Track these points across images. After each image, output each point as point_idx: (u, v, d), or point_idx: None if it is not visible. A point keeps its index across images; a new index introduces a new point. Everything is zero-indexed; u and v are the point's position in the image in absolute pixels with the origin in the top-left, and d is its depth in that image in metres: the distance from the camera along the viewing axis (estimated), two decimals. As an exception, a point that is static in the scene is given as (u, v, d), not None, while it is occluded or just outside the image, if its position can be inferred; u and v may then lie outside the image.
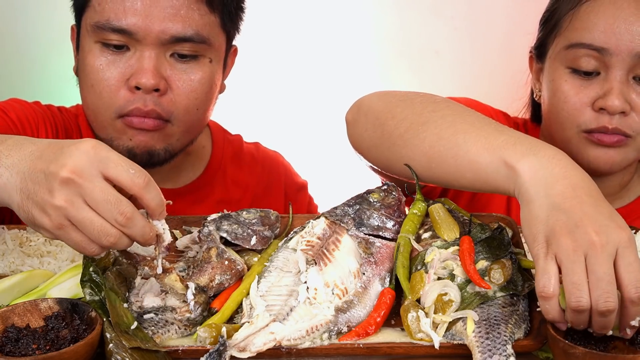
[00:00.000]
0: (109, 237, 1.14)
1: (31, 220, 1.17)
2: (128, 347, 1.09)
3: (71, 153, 1.14)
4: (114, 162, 1.15)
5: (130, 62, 1.64)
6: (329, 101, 3.05)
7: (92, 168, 1.13)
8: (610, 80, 1.62)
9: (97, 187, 1.13)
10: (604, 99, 1.61)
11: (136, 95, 1.65)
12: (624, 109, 1.61)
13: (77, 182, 1.12)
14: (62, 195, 1.13)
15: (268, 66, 2.97)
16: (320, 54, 3.00)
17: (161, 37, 1.63)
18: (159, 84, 1.64)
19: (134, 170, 1.16)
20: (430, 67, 2.98)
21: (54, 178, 1.13)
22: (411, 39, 2.98)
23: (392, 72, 3.04)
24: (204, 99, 1.72)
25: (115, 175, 1.15)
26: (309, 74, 3.02)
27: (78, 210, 1.13)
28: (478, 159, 1.26)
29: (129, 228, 1.15)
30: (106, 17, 1.63)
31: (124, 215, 1.14)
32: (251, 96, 2.96)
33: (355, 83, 3.04)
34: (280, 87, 3.03)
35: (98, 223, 1.13)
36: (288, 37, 2.96)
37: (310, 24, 2.96)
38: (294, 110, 3.07)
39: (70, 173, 1.12)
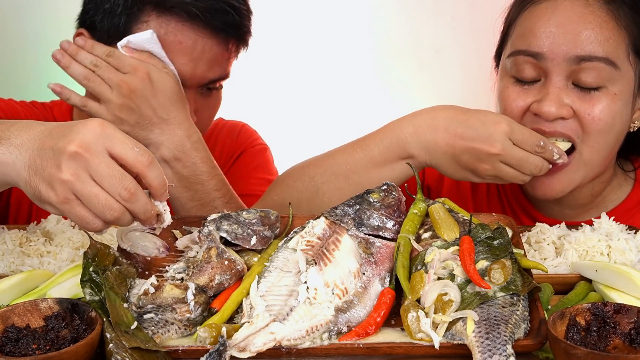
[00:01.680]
0: (112, 212, 1.18)
1: (37, 196, 1.20)
2: (128, 347, 1.09)
3: (79, 130, 1.19)
4: (119, 140, 1.20)
5: None
6: (329, 101, 3.05)
7: (99, 144, 1.18)
8: (548, 86, 1.59)
9: (102, 162, 1.17)
10: (539, 104, 1.59)
11: None
12: (561, 114, 1.57)
13: (84, 156, 1.17)
14: (70, 169, 1.17)
15: (268, 66, 2.98)
16: (320, 54, 3.00)
17: (201, 83, 1.81)
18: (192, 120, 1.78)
19: (138, 148, 1.21)
20: (431, 67, 2.98)
21: (62, 153, 1.17)
22: (411, 39, 2.99)
23: (393, 72, 3.04)
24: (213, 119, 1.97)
25: (120, 153, 1.19)
26: (309, 73, 3.02)
27: (84, 184, 1.17)
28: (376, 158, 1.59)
29: (132, 203, 1.19)
30: None
31: (128, 190, 1.18)
32: (253, 95, 2.96)
33: (356, 83, 3.04)
34: (280, 86, 3.03)
35: (103, 197, 1.17)
36: (288, 37, 2.96)
37: (311, 24, 2.97)
38: (294, 110, 3.07)
39: (78, 147, 1.17)
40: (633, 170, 1.80)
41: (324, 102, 3.06)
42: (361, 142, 1.64)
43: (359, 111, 3.05)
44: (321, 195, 1.63)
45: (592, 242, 1.48)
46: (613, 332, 1.13)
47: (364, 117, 2.41)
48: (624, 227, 1.53)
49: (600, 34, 1.56)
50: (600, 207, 1.76)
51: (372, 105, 3.05)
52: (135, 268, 1.31)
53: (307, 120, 3.07)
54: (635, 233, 1.52)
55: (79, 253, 1.49)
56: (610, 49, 1.56)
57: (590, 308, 1.14)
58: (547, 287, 1.34)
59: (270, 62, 2.97)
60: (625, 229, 1.53)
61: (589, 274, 1.39)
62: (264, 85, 3.02)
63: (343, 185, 1.61)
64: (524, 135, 1.52)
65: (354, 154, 1.63)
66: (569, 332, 1.12)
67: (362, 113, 3.02)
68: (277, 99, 3.06)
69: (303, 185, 1.66)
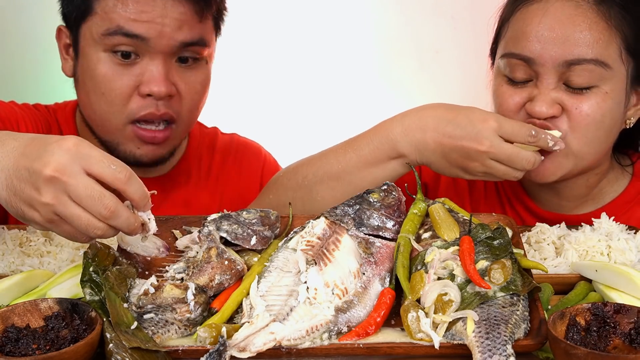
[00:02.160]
0: (96, 230, 1.20)
1: (21, 215, 1.22)
2: (128, 347, 1.09)
3: (53, 151, 1.19)
4: (95, 158, 1.20)
5: (139, 70, 1.73)
6: (329, 101, 3.05)
7: (75, 165, 1.18)
8: (539, 86, 1.61)
9: (80, 184, 1.17)
10: (532, 104, 1.61)
11: (147, 101, 1.74)
12: (551, 113, 1.60)
13: (61, 179, 1.17)
14: (49, 193, 1.17)
15: (269, 66, 2.97)
16: (321, 54, 2.99)
17: (171, 44, 1.72)
18: (170, 90, 1.74)
19: (115, 166, 1.20)
20: (431, 67, 2.98)
21: (38, 176, 1.17)
22: (411, 39, 2.98)
23: (393, 72, 3.04)
24: (203, 98, 1.85)
25: (97, 172, 1.19)
26: (309, 73, 3.02)
27: (65, 206, 1.18)
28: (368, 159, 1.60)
29: (114, 220, 1.20)
30: (116, 24, 1.69)
31: (108, 209, 1.19)
32: (253, 95, 2.96)
33: (357, 83, 3.04)
34: (280, 87, 3.03)
35: (84, 218, 1.18)
36: (288, 37, 2.96)
37: (311, 24, 2.96)
38: (294, 110, 3.07)
39: (54, 171, 1.17)
40: (630, 164, 1.82)
41: (324, 101, 3.06)
42: (352, 142, 1.66)
43: (359, 111, 3.05)
44: (314, 195, 1.64)
45: (592, 242, 1.48)
46: (613, 332, 1.13)
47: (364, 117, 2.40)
48: (624, 227, 1.54)
49: (590, 35, 1.57)
50: (597, 199, 1.78)
51: (372, 105, 3.05)
52: (135, 268, 1.31)
53: (306, 120, 3.07)
54: (635, 233, 1.52)
55: (79, 253, 1.49)
56: (601, 50, 1.57)
57: (590, 308, 1.14)
58: (547, 287, 1.34)
59: (271, 63, 2.97)
60: (625, 229, 1.53)
61: (589, 274, 1.39)
62: (263, 86, 3.01)
63: (335, 184, 1.63)
64: (514, 128, 1.53)
65: (346, 153, 1.64)
66: (569, 332, 1.12)
67: (362, 113, 3.01)
68: (276, 99, 3.05)
69: (297, 184, 1.67)
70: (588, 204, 1.77)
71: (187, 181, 1.99)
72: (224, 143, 2.08)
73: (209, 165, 2.03)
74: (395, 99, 3.02)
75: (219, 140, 2.09)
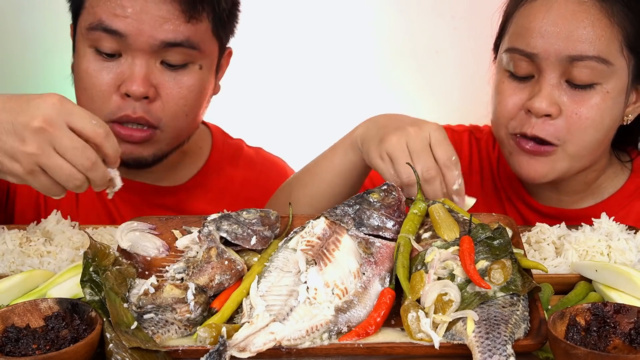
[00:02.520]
0: (75, 181, 1.28)
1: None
2: (128, 347, 1.09)
3: (39, 105, 1.27)
4: (78, 114, 1.29)
5: (121, 68, 1.67)
6: (330, 102, 3.04)
7: (60, 118, 1.26)
8: (541, 83, 1.63)
9: (65, 136, 1.26)
10: (532, 100, 1.63)
11: (126, 102, 1.68)
12: (550, 111, 1.61)
13: (48, 131, 1.25)
14: (34, 143, 1.25)
15: (268, 67, 2.97)
16: (321, 55, 2.99)
17: (151, 43, 1.64)
18: (148, 92, 1.67)
19: (95, 121, 1.30)
20: (430, 67, 2.98)
21: (25, 127, 1.25)
22: (411, 39, 2.98)
23: (393, 72, 3.04)
24: (193, 105, 1.74)
25: (80, 126, 1.28)
26: (309, 74, 3.02)
27: (48, 157, 1.26)
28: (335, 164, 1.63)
29: (93, 172, 1.29)
30: (98, 18, 1.65)
31: (89, 160, 1.28)
32: (252, 96, 2.96)
33: (356, 83, 3.04)
34: (280, 87, 3.03)
35: (66, 168, 1.27)
36: (288, 37, 2.96)
37: (310, 24, 2.96)
38: (294, 111, 3.06)
39: (42, 122, 1.25)
40: (630, 160, 1.83)
41: (323, 102, 3.06)
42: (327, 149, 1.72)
43: (358, 111, 3.04)
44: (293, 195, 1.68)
45: (592, 242, 1.48)
46: (613, 332, 1.13)
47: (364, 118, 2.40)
48: (624, 227, 1.54)
49: (593, 32, 1.59)
50: (597, 194, 1.80)
51: (372, 105, 3.05)
52: (135, 268, 1.31)
53: (305, 120, 3.07)
54: (635, 233, 1.52)
55: (79, 253, 1.49)
56: (603, 47, 1.59)
57: (590, 308, 1.14)
58: (547, 287, 1.34)
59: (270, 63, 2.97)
60: (625, 229, 1.53)
61: (589, 274, 1.39)
62: (264, 86, 3.01)
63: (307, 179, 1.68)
64: None
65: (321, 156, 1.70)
66: (569, 332, 1.12)
67: (361, 113, 3.01)
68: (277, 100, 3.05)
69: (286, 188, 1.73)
70: (587, 199, 1.79)
71: (204, 195, 1.92)
72: (248, 158, 2.02)
73: (229, 180, 1.96)
74: (395, 99, 3.02)
75: (244, 154, 2.02)
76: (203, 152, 1.96)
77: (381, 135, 1.52)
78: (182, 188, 1.91)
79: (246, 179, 1.97)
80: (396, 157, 1.48)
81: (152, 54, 1.66)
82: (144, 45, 1.64)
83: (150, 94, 1.67)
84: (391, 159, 1.49)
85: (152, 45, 1.65)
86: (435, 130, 1.49)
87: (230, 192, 1.94)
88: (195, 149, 1.95)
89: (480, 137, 1.97)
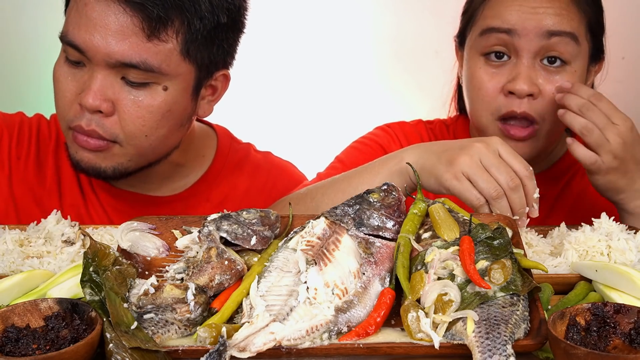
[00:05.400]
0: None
1: None
2: (128, 347, 1.09)
3: None
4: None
5: (83, 78, 1.63)
6: (328, 102, 3.05)
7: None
8: (519, 65, 1.76)
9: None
10: (513, 82, 1.75)
11: (82, 112, 1.63)
12: (532, 91, 1.75)
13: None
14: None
15: (267, 68, 2.98)
16: (319, 55, 3.00)
17: (107, 60, 1.59)
18: (100, 106, 1.61)
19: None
20: (430, 67, 2.98)
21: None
22: (411, 40, 2.99)
23: (392, 73, 3.04)
24: (153, 126, 1.65)
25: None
26: (307, 74, 3.02)
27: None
28: None
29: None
30: (65, 30, 1.63)
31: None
32: (249, 97, 2.96)
33: (355, 84, 3.04)
34: (279, 88, 3.03)
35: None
36: (287, 38, 2.96)
37: (309, 25, 2.97)
38: (293, 112, 3.07)
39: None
40: None
41: (323, 103, 3.06)
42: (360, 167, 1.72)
43: (358, 112, 3.06)
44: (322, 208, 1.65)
45: (592, 242, 1.48)
46: (613, 332, 1.13)
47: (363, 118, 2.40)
48: (624, 227, 1.54)
49: (567, 15, 1.76)
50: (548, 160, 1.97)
51: (372, 106, 3.05)
52: (135, 268, 1.31)
53: (305, 121, 3.07)
54: (635, 233, 1.52)
55: (79, 253, 1.49)
56: (575, 27, 1.77)
57: (590, 308, 1.14)
58: (547, 287, 1.34)
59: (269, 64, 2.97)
60: (625, 229, 1.53)
61: (589, 274, 1.39)
62: (262, 87, 3.01)
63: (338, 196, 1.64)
64: None
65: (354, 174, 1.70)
66: (569, 332, 1.12)
67: (361, 114, 3.02)
68: (275, 100, 3.05)
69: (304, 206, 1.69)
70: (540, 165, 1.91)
71: (203, 205, 1.87)
72: (255, 164, 1.95)
73: (232, 189, 1.91)
74: (395, 100, 3.03)
75: (251, 159, 1.95)
76: (206, 159, 1.91)
77: (448, 158, 1.54)
78: (178, 198, 1.87)
79: (251, 186, 1.92)
80: (474, 174, 1.50)
81: (110, 69, 1.60)
82: (101, 62, 1.59)
83: (104, 109, 1.61)
84: (469, 178, 1.51)
85: (109, 63, 1.59)
86: (502, 144, 1.55)
87: (232, 201, 1.87)
88: (196, 158, 1.90)
89: (433, 127, 2.07)
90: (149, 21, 1.57)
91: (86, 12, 1.59)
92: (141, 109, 1.63)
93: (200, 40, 1.64)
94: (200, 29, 1.62)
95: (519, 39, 1.74)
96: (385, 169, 1.63)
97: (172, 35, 1.60)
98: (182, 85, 1.67)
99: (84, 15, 1.59)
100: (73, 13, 1.62)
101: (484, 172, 1.50)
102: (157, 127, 1.66)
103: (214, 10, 1.63)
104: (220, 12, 1.64)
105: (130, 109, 1.62)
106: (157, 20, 1.57)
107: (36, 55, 2.82)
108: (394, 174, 1.61)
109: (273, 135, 2.86)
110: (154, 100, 1.63)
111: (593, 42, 1.84)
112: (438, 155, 1.56)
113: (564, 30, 1.75)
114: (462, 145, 1.55)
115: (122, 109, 1.62)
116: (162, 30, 1.59)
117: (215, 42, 1.67)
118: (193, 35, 1.62)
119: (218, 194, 1.90)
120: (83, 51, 1.60)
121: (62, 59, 1.67)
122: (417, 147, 1.63)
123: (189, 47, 1.63)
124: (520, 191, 1.50)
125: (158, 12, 1.56)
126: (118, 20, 1.57)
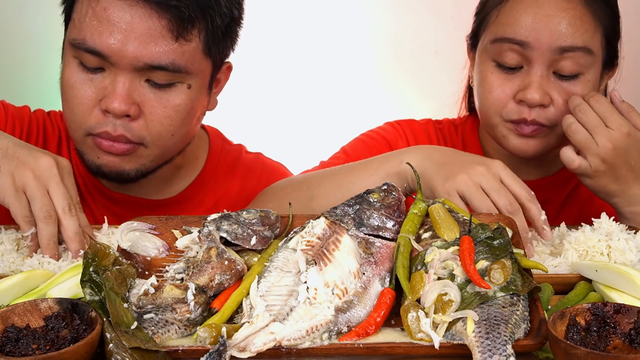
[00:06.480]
0: None
1: None
2: (128, 347, 1.09)
3: None
4: None
5: (104, 83, 1.61)
6: (328, 102, 3.05)
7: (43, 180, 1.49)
8: (532, 74, 1.74)
9: None
10: (524, 92, 1.74)
11: (107, 118, 1.62)
12: (543, 101, 1.74)
13: None
14: None
15: (266, 68, 2.98)
16: (319, 55, 3.00)
17: (135, 64, 1.58)
18: (129, 110, 1.61)
19: None
20: (430, 67, 2.98)
21: None
22: (411, 40, 2.99)
23: (392, 73, 3.04)
24: (179, 125, 1.68)
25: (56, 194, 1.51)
26: (307, 74, 3.03)
27: None
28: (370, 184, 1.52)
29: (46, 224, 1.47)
30: (82, 36, 1.60)
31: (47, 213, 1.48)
32: (249, 98, 2.96)
33: (355, 83, 3.04)
34: (278, 89, 3.03)
35: None
36: (287, 39, 2.96)
37: (309, 25, 2.97)
38: (292, 112, 3.07)
39: None
40: None
41: (323, 103, 3.06)
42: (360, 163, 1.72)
43: (358, 112, 3.06)
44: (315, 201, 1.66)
45: (592, 242, 1.48)
46: (613, 332, 1.13)
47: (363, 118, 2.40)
48: (623, 227, 1.54)
49: (581, 26, 1.73)
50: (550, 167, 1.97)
51: (371, 106, 3.06)
52: (135, 268, 1.31)
53: (305, 121, 3.07)
54: (635, 233, 1.52)
55: (79, 253, 1.49)
56: (588, 39, 1.73)
57: (590, 308, 1.14)
58: (547, 287, 1.34)
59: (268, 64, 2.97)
60: (625, 229, 1.53)
61: (589, 274, 1.39)
62: (261, 87, 3.02)
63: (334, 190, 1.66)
64: None
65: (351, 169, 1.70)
66: (569, 332, 1.12)
67: (361, 114, 3.02)
68: (274, 101, 3.06)
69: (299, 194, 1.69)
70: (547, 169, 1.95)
71: (198, 207, 1.86)
72: (246, 165, 1.95)
73: (225, 191, 1.91)
74: (395, 100, 3.03)
75: (242, 161, 1.96)
76: (199, 161, 1.91)
77: (446, 173, 1.54)
78: (173, 201, 1.87)
79: (243, 188, 1.92)
80: (470, 194, 1.50)
81: (136, 72, 1.60)
82: (127, 66, 1.59)
83: (132, 112, 1.61)
84: (463, 197, 1.51)
85: (135, 66, 1.59)
86: (503, 168, 1.54)
87: (225, 203, 1.86)
88: (191, 159, 1.90)
89: (442, 127, 2.07)
90: (177, 22, 1.57)
91: (107, 17, 1.57)
92: (168, 109, 1.64)
93: (219, 37, 1.67)
94: (220, 25, 1.65)
95: (532, 51, 1.72)
96: (383, 169, 1.64)
97: (196, 34, 1.62)
98: (202, 81, 1.70)
99: (104, 20, 1.57)
100: (89, 18, 1.59)
101: (480, 192, 1.49)
102: (182, 125, 1.68)
103: (230, 5, 1.66)
104: (234, 7, 1.68)
105: (158, 110, 1.63)
106: (187, 21, 1.58)
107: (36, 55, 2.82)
108: (391, 175, 1.62)
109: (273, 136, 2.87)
110: (179, 99, 1.65)
111: (607, 49, 1.81)
112: (437, 168, 1.56)
113: (577, 46, 1.72)
114: (462, 163, 1.55)
115: (149, 110, 1.63)
116: (190, 29, 1.60)
117: (229, 37, 1.72)
118: (214, 32, 1.65)
119: (212, 196, 1.90)
120: (106, 57, 1.58)
121: (73, 66, 1.63)
122: (419, 152, 1.62)
123: (210, 44, 1.66)
124: (520, 215, 1.48)
125: (190, 12, 1.57)
126: (145, 23, 1.57)
